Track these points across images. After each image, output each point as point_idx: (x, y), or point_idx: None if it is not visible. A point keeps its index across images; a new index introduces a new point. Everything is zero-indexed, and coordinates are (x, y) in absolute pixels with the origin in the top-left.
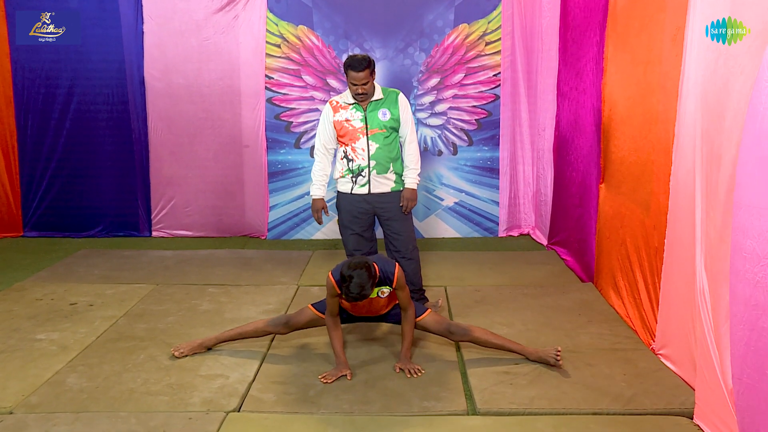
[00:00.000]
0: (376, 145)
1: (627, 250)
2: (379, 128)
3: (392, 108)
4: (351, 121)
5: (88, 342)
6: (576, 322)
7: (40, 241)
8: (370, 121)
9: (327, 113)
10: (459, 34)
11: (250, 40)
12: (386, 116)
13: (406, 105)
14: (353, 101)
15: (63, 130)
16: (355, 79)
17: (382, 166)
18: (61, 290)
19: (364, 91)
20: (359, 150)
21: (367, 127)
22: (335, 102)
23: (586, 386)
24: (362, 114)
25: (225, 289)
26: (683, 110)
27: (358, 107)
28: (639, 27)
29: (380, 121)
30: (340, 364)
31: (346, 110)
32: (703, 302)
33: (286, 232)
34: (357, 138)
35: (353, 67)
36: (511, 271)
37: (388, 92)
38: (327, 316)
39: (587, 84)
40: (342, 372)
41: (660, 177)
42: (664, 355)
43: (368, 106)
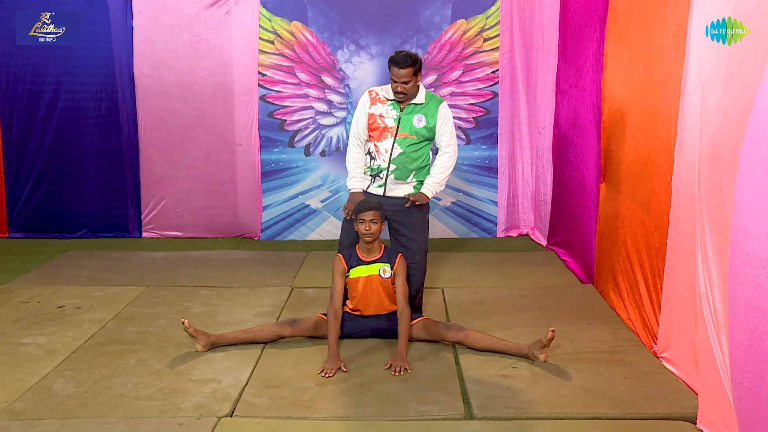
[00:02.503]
0: (400, 149)
1: (628, 251)
2: (409, 133)
3: (430, 116)
4: (384, 117)
5: (76, 346)
6: (576, 324)
7: (26, 243)
8: (403, 123)
9: (364, 102)
10: (456, 31)
11: (242, 36)
12: (421, 123)
13: (446, 116)
14: (393, 98)
15: (50, 128)
16: (396, 76)
17: (401, 171)
18: (48, 293)
19: (404, 90)
20: (382, 150)
21: (398, 128)
22: (375, 93)
23: (585, 390)
24: (397, 114)
25: (217, 291)
26: (685, 108)
27: (395, 105)
28: (640, 22)
29: (413, 126)
30: (332, 355)
31: (384, 105)
32: (706, 304)
33: (279, 232)
34: (384, 137)
35: (396, 63)
36: (510, 272)
37: (431, 98)
38: (329, 308)
39: (587, 81)
40: (336, 364)
41: (661, 176)
42: (666, 358)
43: (406, 108)
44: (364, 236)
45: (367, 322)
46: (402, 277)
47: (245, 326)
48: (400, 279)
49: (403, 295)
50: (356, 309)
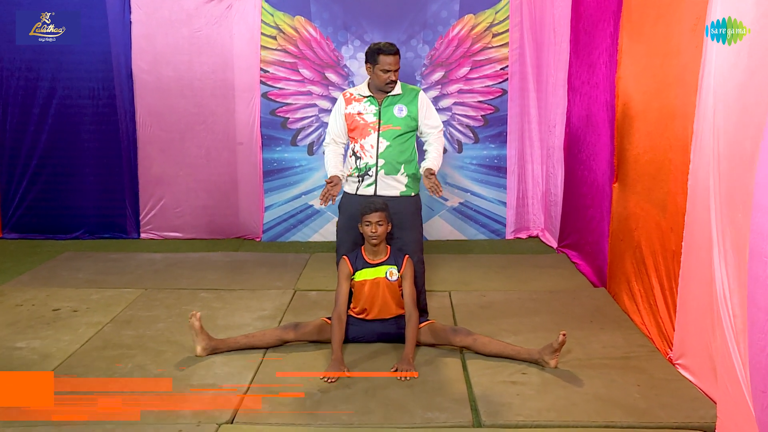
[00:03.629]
0: (386, 142)
1: (642, 254)
2: (393, 125)
3: (410, 105)
4: (363, 114)
5: (72, 350)
6: (587, 329)
7: (21, 244)
8: (384, 116)
9: (339, 105)
10: (464, 26)
11: (244, 32)
12: (402, 112)
13: (427, 104)
14: (368, 94)
15: (45, 125)
16: (389, 64)
17: (390, 165)
18: (43, 295)
19: (395, 78)
20: (368, 147)
21: (379, 122)
22: (349, 94)
23: (597, 398)
24: (376, 108)
25: (217, 294)
26: (702, 105)
27: (372, 100)
28: (656, 16)
29: (395, 118)
30: (336, 360)
31: (360, 103)
32: (724, 308)
33: (282, 234)
34: (367, 133)
35: (386, 51)
36: (519, 276)
37: (407, 89)
38: (334, 311)
39: (600, 78)
40: (340, 370)
41: (677, 176)
42: (682, 365)
43: (384, 101)
44: (370, 238)
45: (372, 326)
46: (409, 280)
47: (246, 330)
48: (408, 282)
49: (411, 299)
50: (361, 313)
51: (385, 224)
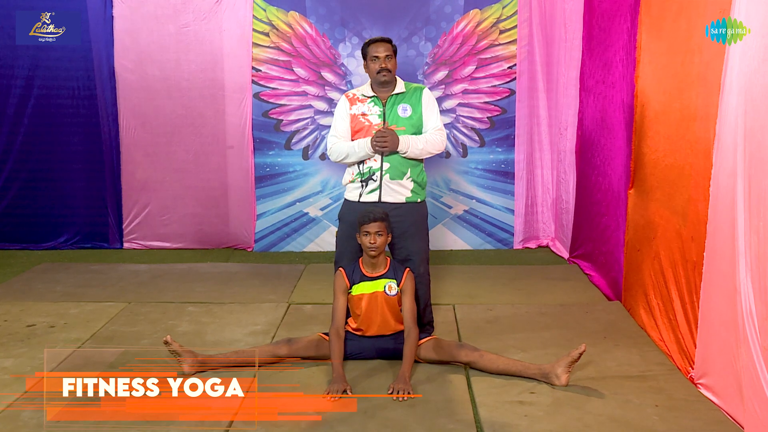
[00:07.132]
0: None
1: (661, 264)
2: (398, 125)
3: (415, 104)
4: (368, 115)
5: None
6: (601, 345)
7: None
8: (389, 116)
9: (342, 106)
10: (470, 22)
11: (234, 28)
12: (407, 112)
13: (431, 101)
14: (372, 94)
15: (20, 127)
16: (378, 51)
17: (396, 170)
18: (17, 310)
19: (387, 66)
20: None
21: (385, 123)
22: (352, 94)
23: (612, 419)
24: (380, 109)
25: (207, 307)
26: (725, 106)
27: (376, 101)
28: (677, 11)
29: (400, 118)
30: (338, 377)
31: (364, 103)
32: (749, 323)
33: (275, 243)
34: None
35: (374, 40)
36: (528, 288)
37: (411, 87)
38: (331, 328)
39: (616, 77)
40: (342, 386)
41: (699, 181)
42: (705, 385)
43: (388, 101)
44: (368, 249)
45: (371, 343)
46: (410, 295)
47: (237, 347)
48: (408, 297)
49: (410, 315)
50: (359, 328)
51: (384, 235)
